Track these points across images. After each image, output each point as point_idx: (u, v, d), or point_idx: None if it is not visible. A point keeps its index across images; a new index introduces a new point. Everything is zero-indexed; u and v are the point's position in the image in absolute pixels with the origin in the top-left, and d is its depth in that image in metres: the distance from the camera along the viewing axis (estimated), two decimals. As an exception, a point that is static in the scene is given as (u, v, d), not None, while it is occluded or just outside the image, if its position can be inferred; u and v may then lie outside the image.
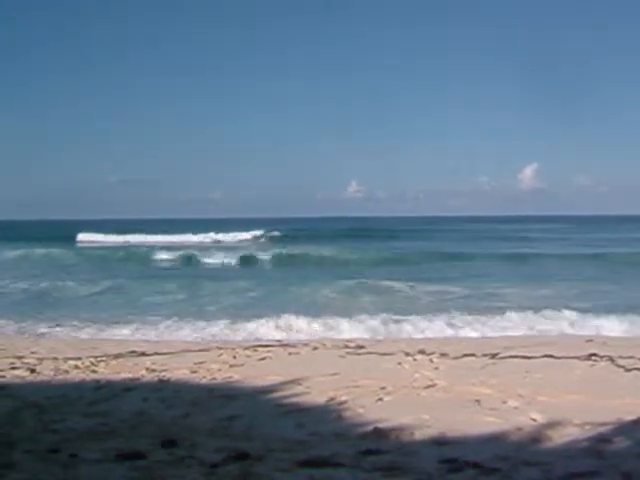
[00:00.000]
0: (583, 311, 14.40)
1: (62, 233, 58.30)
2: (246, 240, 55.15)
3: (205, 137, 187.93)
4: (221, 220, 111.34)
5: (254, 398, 7.71)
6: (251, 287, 21.54)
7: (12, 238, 52.38)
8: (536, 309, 14.66)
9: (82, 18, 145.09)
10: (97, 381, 8.92)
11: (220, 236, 56.91)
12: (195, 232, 58.34)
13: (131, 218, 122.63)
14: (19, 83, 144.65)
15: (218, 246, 45.43)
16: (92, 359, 10.68)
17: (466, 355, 10.06)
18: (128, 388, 8.39)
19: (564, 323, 13.64)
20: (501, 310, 14.91)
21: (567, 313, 14.18)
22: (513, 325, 13.74)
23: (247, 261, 34.29)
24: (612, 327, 13.06)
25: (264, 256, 34.99)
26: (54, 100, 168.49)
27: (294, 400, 7.51)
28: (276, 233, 58.17)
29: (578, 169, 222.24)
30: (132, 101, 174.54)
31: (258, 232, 58.29)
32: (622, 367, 8.77)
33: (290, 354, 10.92)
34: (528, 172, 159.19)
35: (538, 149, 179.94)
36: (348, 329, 13.79)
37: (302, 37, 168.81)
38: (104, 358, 10.81)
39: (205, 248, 39.81)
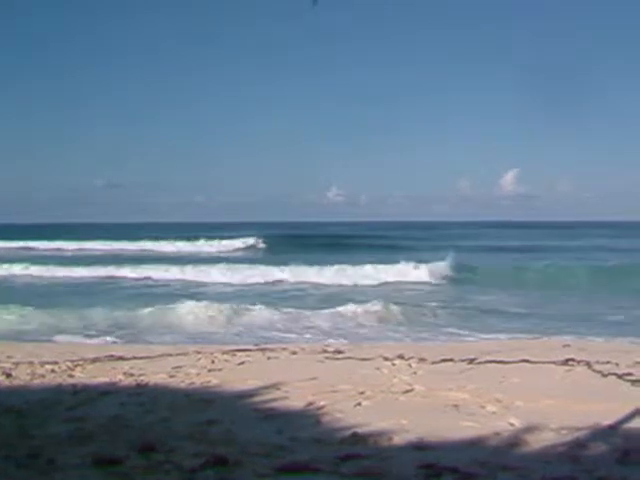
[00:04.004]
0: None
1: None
2: (238, 249, 53.03)
3: (188, 141, 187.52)
4: (202, 224, 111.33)
5: (232, 403, 7.69)
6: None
7: None
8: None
9: (72, 19, 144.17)
10: (74, 386, 8.86)
11: (208, 244, 55.34)
12: (181, 238, 57.29)
13: (124, 222, 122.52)
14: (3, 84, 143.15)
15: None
16: (69, 363, 10.61)
17: (444, 360, 10.09)
18: (105, 393, 8.34)
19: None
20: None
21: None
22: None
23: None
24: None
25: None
26: (39, 102, 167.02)
27: (273, 405, 7.50)
28: (261, 241, 56.40)
29: (562, 175, 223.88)
30: (121, 103, 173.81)
31: (249, 240, 55.95)
32: (599, 372, 8.84)
33: (269, 359, 10.91)
34: (510, 178, 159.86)
35: (522, 154, 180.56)
36: None
37: (289, 40, 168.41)
38: (81, 362, 10.74)
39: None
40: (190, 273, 31.57)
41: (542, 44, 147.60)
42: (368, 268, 29.95)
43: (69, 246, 57.55)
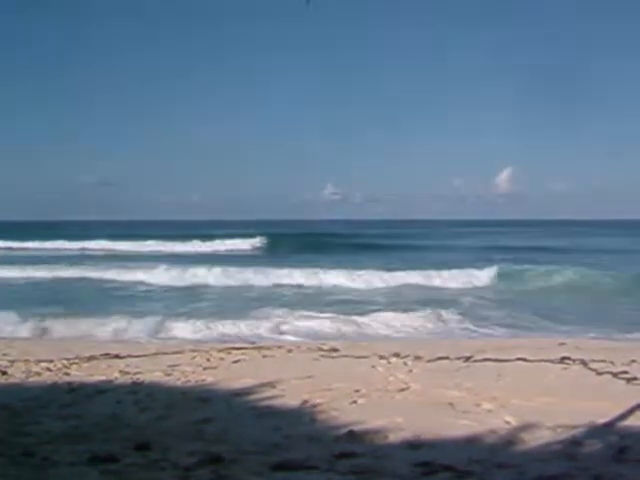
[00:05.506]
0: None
1: None
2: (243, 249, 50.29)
3: (182, 139, 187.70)
4: (199, 222, 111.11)
5: (228, 401, 7.68)
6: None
7: None
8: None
9: (63, 18, 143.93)
10: (70, 383, 8.85)
11: (219, 244, 53.39)
12: (180, 238, 56.15)
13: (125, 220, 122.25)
14: None
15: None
16: (64, 361, 10.59)
17: (440, 358, 10.09)
18: (101, 391, 8.33)
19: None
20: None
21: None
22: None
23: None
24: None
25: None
26: (34, 101, 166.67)
27: (268, 403, 7.49)
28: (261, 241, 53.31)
29: (557, 174, 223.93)
30: (114, 102, 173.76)
31: (254, 240, 52.61)
32: (594, 370, 8.85)
33: (264, 357, 10.90)
34: (505, 176, 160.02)
35: (517, 153, 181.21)
36: None
37: (287, 39, 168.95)
38: (77, 360, 10.72)
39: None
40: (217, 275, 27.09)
41: (540, 44, 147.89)
42: (415, 273, 26.14)
43: (66, 245, 56.84)
